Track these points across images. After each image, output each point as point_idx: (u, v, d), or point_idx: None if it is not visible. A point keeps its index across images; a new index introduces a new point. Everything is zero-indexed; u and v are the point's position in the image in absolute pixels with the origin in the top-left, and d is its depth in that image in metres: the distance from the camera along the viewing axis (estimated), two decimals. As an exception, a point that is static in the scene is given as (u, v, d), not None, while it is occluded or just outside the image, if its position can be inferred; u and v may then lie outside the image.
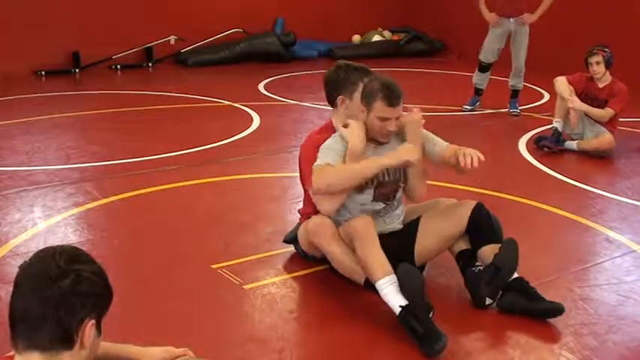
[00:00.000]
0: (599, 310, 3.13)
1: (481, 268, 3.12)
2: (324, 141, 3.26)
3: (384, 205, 3.28)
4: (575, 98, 5.78)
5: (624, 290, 3.33)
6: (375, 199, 3.24)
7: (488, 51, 7.24)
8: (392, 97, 3.08)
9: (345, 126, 3.22)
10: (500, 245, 3.11)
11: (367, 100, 3.13)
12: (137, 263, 3.56)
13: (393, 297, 2.84)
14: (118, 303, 1.79)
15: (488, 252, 3.13)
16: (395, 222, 3.33)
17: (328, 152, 3.13)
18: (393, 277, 2.87)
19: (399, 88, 3.12)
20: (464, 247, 3.23)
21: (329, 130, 3.41)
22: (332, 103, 3.51)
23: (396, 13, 12.47)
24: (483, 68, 7.35)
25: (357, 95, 3.30)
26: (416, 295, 2.82)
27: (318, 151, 3.20)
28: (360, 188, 3.17)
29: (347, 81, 3.38)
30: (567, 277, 3.46)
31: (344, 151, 3.11)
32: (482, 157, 3.06)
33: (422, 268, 3.30)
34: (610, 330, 2.96)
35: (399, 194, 3.34)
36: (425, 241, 3.24)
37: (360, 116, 3.19)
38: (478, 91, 7.53)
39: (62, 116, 6.95)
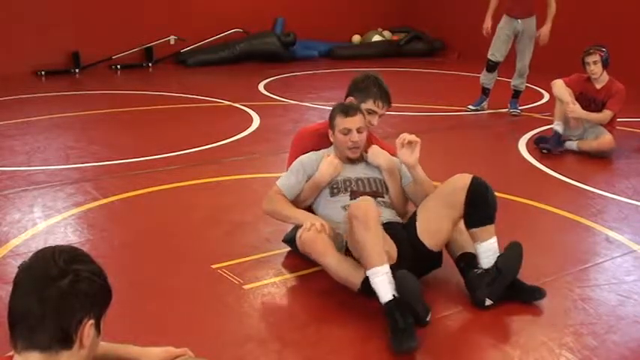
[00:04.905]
0: (599, 310, 3.13)
1: (483, 270, 3.12)
2: (316, 132, 3.60)
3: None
4: (576, 107, 5.75)
5: (624, 290, 3.33)
6: (354, 195, 3.33)
7: (497, 50, 7.24)
8: (347, 109, 3.40)
9: (366, 151, 3.48)
10: (492, 225, 3.13)
11: (330, 123, 3.46)
12: (137, 263, 3.56)
13: (384, 286, 2.83)
14: (117, 303, 1.79)
15: (479, 235, 3.12)
16: (388, 214, 3.32)
17: (295, 173, 3.43)
18: (386, 267, 2.85)
19: (354, 105, 3.46)
20: (464, 250, 3.23)
21: (327, 127, 3.56)
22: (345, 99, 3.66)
23: (396, 13, 12.48)
24: (491, 67, 7.35)
25: (363, 106, 3.49)
26: (414, 299, 2.82)
27: (305, 140, 3.58)
28: (332, 193, 3.38)
29: (366, 89, 3.54)
30: (567, 277, 3.46)
31: (312, 173, 3.37)
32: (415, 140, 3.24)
33: (440, 255, 3.26)
34: (610, 330, 2.96)
35: (386, 199, 3.39)
36: (426, 226, 3.17)
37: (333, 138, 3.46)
38: (485, 91, 7.53)
39: (62, 116, 6.95)
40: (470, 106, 7.57)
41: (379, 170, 3.43)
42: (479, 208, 3.11)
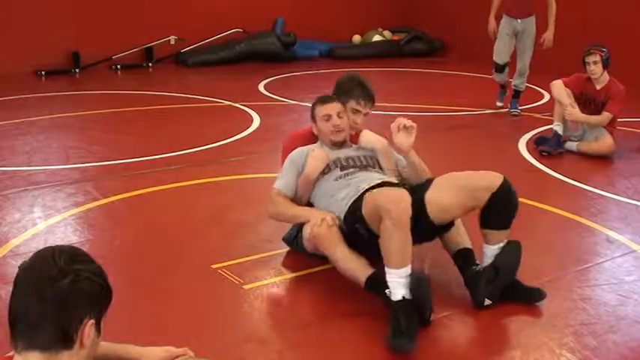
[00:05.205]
0: (599, 310, 3.13)
1: (481, 268, 3.12)
2: (305, 135, 3.69)
3: (358, 169, 3.40)
4: (574, 110, 5.74)
5: (624, 290, 3.33)
6: (345, 169, 3.41)
7: (501, 51, 7.27)
8: (325, 98, 3.59)
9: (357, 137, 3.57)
10: (507, 230, 3.11)
11: (312, 116, 3.61)
12: (137, 263, 3.56)
13: (398, 286, 2.83)
14: (118, 303, 1.79)
15: (492, 237, 3.11)
16: (385, 176, 3.36)
17: (287, 171, 3.49)
18: (408, 270, 2.85)
19: (331, 95, 3.63)
20: (461, 247, 3.23)
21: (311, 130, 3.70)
22: None
23: (396, 13, 12.48)
24: (499, 69, 7.38)
25: (347, 106, 3.60)
26: (426, 303, 2.84)
27: (296, 143, 3.63)
28: (324, 173, 3.42)
29: (350, 90, 3.63)
30: (567, 277, 3.46)
31: (302, 168, 3.43)
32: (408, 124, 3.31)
33: (438, 229, 3.20)
34: (610, 330, 2.96)
35: (378, 170, 3.44)
36: (437, 198, 3.07)
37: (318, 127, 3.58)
38: (503, 86, 7.58)
39: (62, 116, 6.95)
40: (498, 103, 7.60)
41: (372, 152, 3.51)
42: (499, 213, 3.07)
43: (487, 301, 3.06)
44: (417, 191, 3.12)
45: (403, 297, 2.81)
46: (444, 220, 3.14)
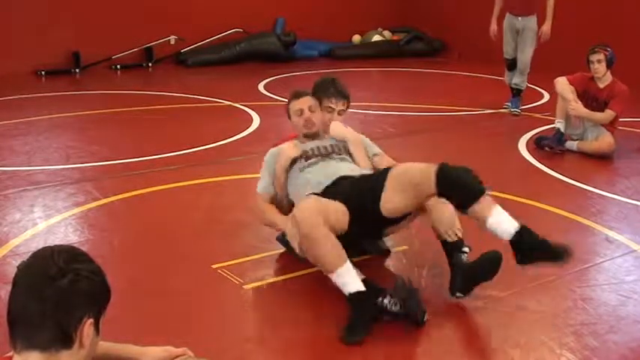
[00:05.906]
0: (599, 310, 3.13)
1: (467, 253, 3.13)
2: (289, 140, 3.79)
3: (320, 157, 3.53)
4: (578, 105, 5.75)
5: (624, 290, 3.33)
6: (309, 159, 3.54)
7: (508, 47, 7.35)
8: (297, 93, 3.75)
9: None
10: (484, 196, 2.95)
11: (287, 111, 3.78)
12: (137, 263, 3.56)
13: (351, 281, 2.88)
14: (117, 303, 1.79)
15: (480, 213, 2.94)
16: (345, 168, 3.43)
17: (264, 173, 3.69)
18: (347, 266, 2.88)
19: (303, 90, 3.79)
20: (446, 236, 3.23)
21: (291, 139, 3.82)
22: None
23: (396, 13, 12.49)
24: (508, 66, 7.44)
25: (322, 105, 3.75)
26: (415, 306, 2.86)
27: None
28: (292, 164, 3.55)
29: (324, 90, 3.80)
30: (567, 277, 3.45)
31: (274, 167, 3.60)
32: None
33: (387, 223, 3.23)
34: (610, 330, 2.96)
35: (343, 156, 3.57)
36: (391, 200, 3.05)
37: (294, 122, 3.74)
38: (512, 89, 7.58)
39: (62, 116, 6.96)
40: (506, 104, 7.60)
41: (341, 141, 3.64)
42: (456, 193, 2.97)
43: (459, 294, 3.07)
44: (371, 195, 3.10)
45: (359, 291, 2.85)
46: (402, 214, 3.16)
